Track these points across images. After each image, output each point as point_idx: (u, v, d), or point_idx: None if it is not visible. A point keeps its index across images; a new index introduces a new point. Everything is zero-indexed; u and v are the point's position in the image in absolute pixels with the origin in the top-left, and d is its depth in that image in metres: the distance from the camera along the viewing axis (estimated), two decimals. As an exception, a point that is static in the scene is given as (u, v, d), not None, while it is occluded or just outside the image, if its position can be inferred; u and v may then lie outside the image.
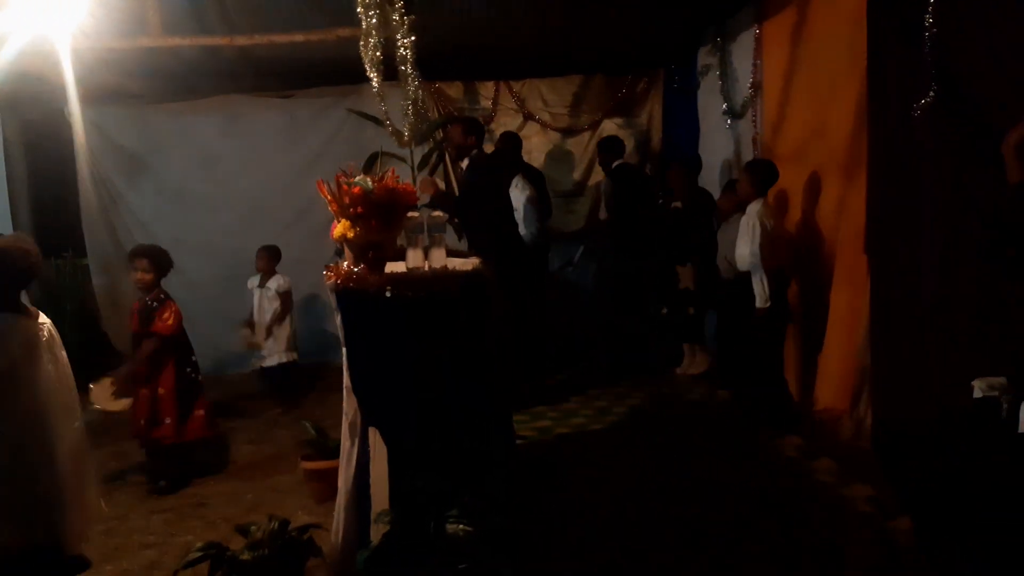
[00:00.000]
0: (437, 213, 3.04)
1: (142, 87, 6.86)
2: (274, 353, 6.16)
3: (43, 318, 3.05)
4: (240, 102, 7.24)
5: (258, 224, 6.95)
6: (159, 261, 4.62)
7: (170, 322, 4.53)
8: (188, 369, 4.64)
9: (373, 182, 2.89)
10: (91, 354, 6.51)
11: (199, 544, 3.03)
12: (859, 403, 4.44)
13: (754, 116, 5.80)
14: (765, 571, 3.22)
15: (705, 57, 6.67)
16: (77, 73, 5.14)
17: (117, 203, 7.23)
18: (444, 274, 2.90)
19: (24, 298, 3.12)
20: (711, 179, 6.61)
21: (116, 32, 5.09)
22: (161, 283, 4.66)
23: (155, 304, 4.54)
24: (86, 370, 4.09)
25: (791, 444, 4.57)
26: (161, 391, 4.49)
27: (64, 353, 3.10)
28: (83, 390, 3.35)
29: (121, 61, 5.86)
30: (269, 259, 6.20)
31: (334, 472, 3.29)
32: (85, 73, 5.45)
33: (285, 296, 6.13)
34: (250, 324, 6.15)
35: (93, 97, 6.52)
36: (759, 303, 4.85)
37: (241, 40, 5.55)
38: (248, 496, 4.36)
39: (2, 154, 7.10)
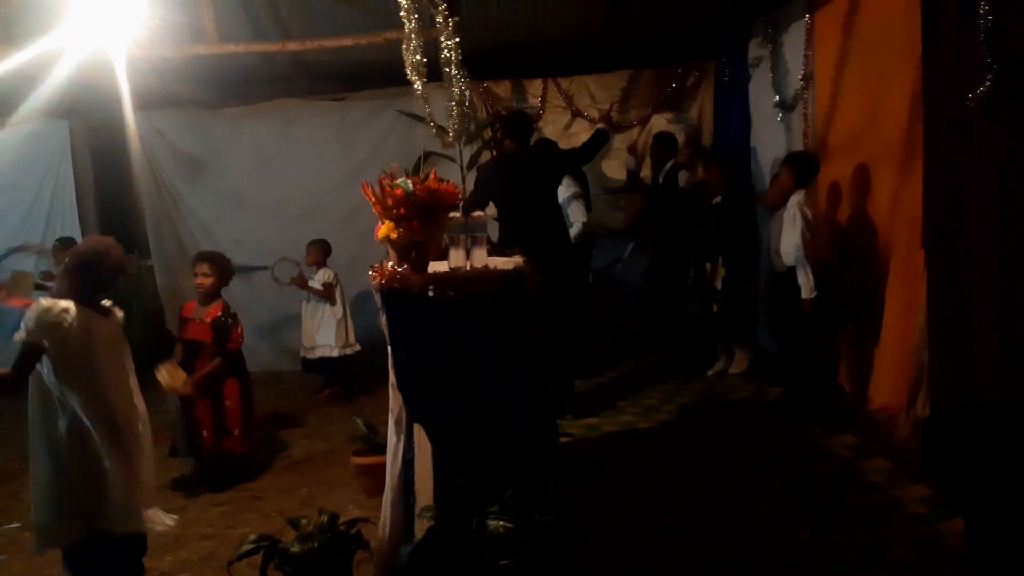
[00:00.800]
0: (478, 213, 3.07)
1: (200, 93, 7.06)
2: (329, 345, 6.28)
3: (117, 315, 3.18)
4: (294, 106, 7.38)
5: (313, 225, 7.07)
6: (221, 267, 4.70)
7: (242, 339, 4.67)
8: (247, 381, 4.75)
9: (415, 183, 2.92)
10: (156, 351, 6.75)
11: (253, 536, 3.10)
12: (916, 402, 4.33)
13: (805, 108, 5.68)
14: (794, 568, 3.19)
15: (756, 49, 6.54)
16: (137, 81, 5.33)
17: (179, 206, 7.46)
18: (484, 273, 2.93)
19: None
20: (763, 174, 6.49)
21: (175, 41, 5.27)
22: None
23: (231, 321, 4.62)
24: (151, 367, 4.27)
25: (844, 443, 4.49)
26: (228, 404, 4.59)
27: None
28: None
29: (179, 68, 6.08)
30: (318, 252, 6.37)
31: (383, 467, 3.35)
32: (144, 81, 5.66)
33: (327, 287, 6.28)
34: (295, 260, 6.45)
35: (154, 103, 6.77)
36: (804, 293, 4.78)
37: (292, 46, 5.69)
38: (303, 490, 4.48)
39: (70, 159, 7.41)
